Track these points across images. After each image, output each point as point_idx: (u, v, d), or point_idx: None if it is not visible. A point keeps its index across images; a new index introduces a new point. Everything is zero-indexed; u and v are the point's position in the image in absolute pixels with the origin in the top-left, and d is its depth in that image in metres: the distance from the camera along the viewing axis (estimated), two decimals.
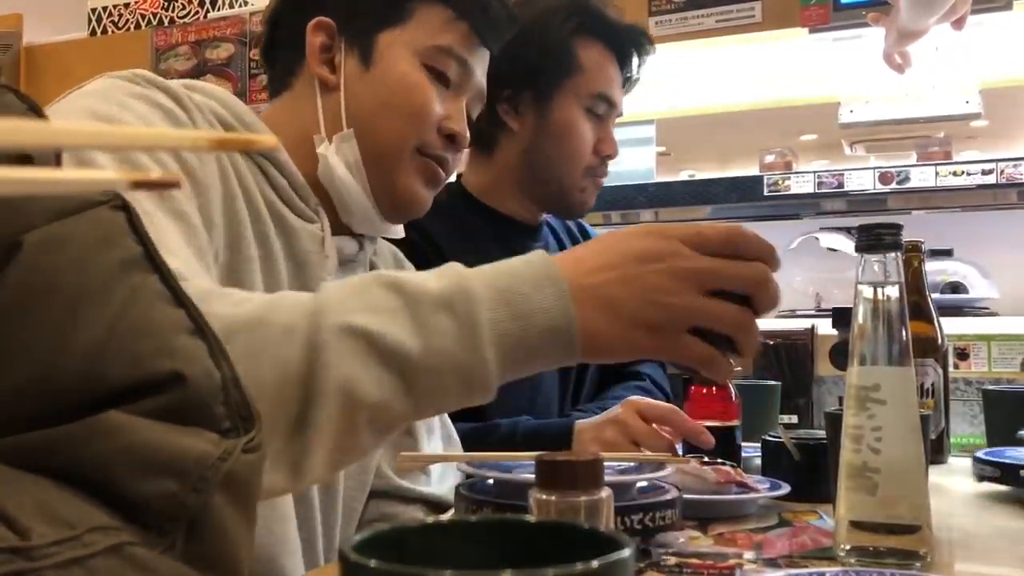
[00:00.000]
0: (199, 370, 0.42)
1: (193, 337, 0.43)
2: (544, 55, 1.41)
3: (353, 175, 0.99)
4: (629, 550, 0.34)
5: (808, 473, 1.09)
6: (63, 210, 0.42)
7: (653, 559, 0.82)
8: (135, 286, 0.43)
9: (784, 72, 2.70)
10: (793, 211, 2.54)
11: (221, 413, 0.42)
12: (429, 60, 1.00)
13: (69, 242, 0.42)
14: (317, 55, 1.01)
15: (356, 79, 1.00)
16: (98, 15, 3.19)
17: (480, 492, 0.90)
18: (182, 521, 0.39)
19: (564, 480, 0.58)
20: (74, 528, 0.36)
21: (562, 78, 1.42)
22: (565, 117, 1.43)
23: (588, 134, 1.44)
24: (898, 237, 0.82)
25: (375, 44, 1.00)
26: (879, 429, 0.78)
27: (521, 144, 1.45)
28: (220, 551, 0.41)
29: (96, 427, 0.39)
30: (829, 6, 2.25)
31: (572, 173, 1.44)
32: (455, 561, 0.38)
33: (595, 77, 1.43)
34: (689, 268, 0.70)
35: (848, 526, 0.80)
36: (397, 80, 0.99)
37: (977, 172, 2.27)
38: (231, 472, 0.41)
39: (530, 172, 1.46)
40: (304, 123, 1.01)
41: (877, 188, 2.34)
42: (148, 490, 0.39)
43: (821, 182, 2.41)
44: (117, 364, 0.40)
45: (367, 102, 0.99)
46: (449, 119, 1.01)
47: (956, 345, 1.93)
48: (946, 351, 1.23)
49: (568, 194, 1.46)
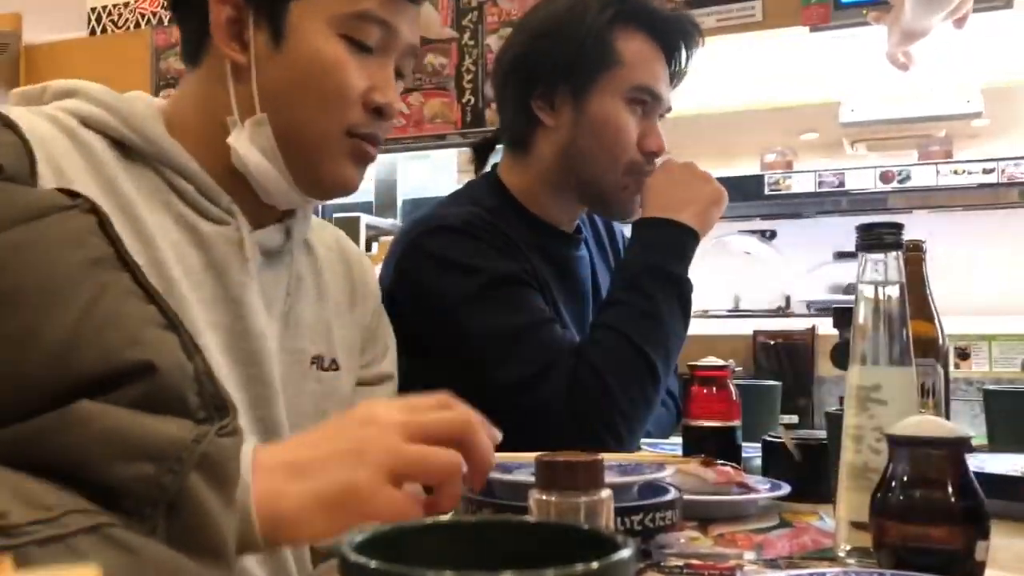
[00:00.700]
0: (170, 361, 0.42)
1: (164, 331, 0.43)
2: (579, 48, 1.32)
3: (270, 161, 0.90)
4: (629, 551, 0.34)
5: (809, 473, 1.09)
6: (31, 214, 0.43)
7: (653, 560, 0.82)
8: (104, 283, 0.43)
9: (785, 71, 2.70)
10: (794, 210, 2.54)
11: (195, 403, 0.43)
12: (346, 30, 0.90)
13: (38, 243, 0.42)
14: (224, 31, 0.90)
15: (267, 59, 0.90)
16: (97, 14, 3.19)
17: (480, 493, 0.89)
18: (161, 504, 0.39)
19: (564, 480, 0.58)
20: (51, 510, 0.37)
21: (600, 72, 1.32)
22: (604, 111, 1.33)
23: (630, 128, 1.34)
24: (899, 237, 0.82)
25: (285, 17, 0.89)
26: (880, 429, 0.78)
27: (559, 141, 1.35)
28: (202, 531, 0.41)
29: (69, 417, 0.39)
30: (830, 5, 2.24)
31: (614, 170, 1.34)
32: (455, 561, 0.38)
33: (637, 70, 1.34)
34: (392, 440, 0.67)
35: (849, 527, 0.80)
36: (311, 58, 0.89)
37: (978, 171, 2.27)
38: (206, 454, 0.41)
39: (569, 171, 1.36)
40: (216, 107, 0.91)
41: (878, 187, 2.34)
42: (125, 474, 0.39)
43: (822, 181, 2.41)
44: (87, 356, 0.40)
45: (281, 85, 0.90)
46: (374, 90, 0.91)
47: (957, 345, 1.93)
48: (947, 351, 1.23)
49: (610, 194, 1.36)
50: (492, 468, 0.70)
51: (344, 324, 1.04)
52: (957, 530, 0.69)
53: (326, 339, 1.00)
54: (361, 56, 0.91)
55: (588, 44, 1.31)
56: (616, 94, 1.33)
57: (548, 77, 1.33)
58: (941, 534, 0.69)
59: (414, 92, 2.59)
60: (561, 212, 1.40)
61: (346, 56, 0.90)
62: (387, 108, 0.92)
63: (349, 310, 1.06)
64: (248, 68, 0.90)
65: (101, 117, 0.86)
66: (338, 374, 1.01)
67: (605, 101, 1.33)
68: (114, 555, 0.37)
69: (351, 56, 0.90)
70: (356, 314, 1.07)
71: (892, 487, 0.70)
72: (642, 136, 1.35)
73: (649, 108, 1.36)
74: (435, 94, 2.61)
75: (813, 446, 1.10)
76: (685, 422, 1.21)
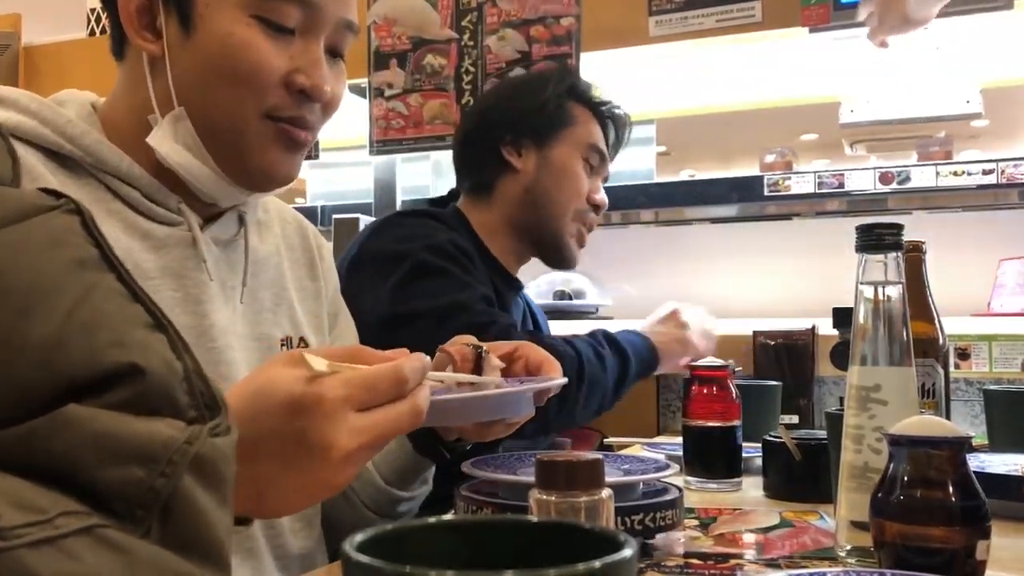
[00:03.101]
0: (158, 361, 0.42)
1: (151, 331, 0.43)
2: (543, 106, 1.57)
3: (196, 157, 0.87)
4: (631, 550, 0.34)
5: (809, 473, 1.09)
6: (13, 216, 0.42)
7: (654, 559, 0.82)
8: (89, 283, 0.43)
9: (784, 72, 2.70)
10: (793, 211, 2.54)
11: (185, 402, 0.42)
12: (259, 11, 0.85)
13: (20, 245, 0.42)
14: (134, 21, 0.86)
15: (179, 47, 0.86)
16: (97, 15, 3.19)
17: (481, 492, 0.90)
18: (154, 507, 0.39)
19: (564, 480, 0.58)
20: (45, 512, 0.36)
21: (561, 128, 1.57)
22: (564, 159, 1.57)
23: (584, 178, 1.57)
24: (899, 237, 0.82)
25: (194, 1, 0.85)
26: (880, 429, 0.78)
27: (523, 181, 1.57)
28: (197, 533, 0.41)
29: (58, 420, 0.39)
30: (829, 6, 2.24)
31: (565, 213, 1.56)
32: (456, 561, 0.38)
33: (589, 130, 1.59)
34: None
35: (849, 526, 0.80)
36: (220, 43, 0.85)
37: (978, 172, 2.26)
38: (200, 455, 0.41)
39: (530, 209, 1.56)
40: (141, 103, 0.88)
41: (877, 188, 2.34)
42: (116, 477, 0.39)
43: (821, 182, 2.40)
44: (73, 359, 0.40)
45: (194, 73, 0.86)
46: (297, 72, 0.87)
47: (957, 345, 1.93)
48: (947, 351, 1.23)
49: (561, 237, 1.57)
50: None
51: (307, 297, 1.04)
52: (957, 530, 0.69)
53: (291, 319, 1.00)
54: (280, 37, 0.86)
55: (550, 105, 1.57)
56: (575, 148, 1.58)
57: (515, 127, 1.58)
58: (941, 534, 0.69)
59: (413, 93, 2.59)
60: (511, 253, 1.59)
61: (259, 38, 0.85)
62: (312, 90, 0.87)
63: (312, 282, 1.05)
64: (162, 59, 0.86)
65: (33, 129, 0.84)
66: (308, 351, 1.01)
67: (565, 151, 1.57)
68: (108, 557, 0.37)
69: (266, 38, 0.86)
70: (319, 286, 1.06)
71: (892, 487, 0.71)
72: (591, 191, 1.59)
73: (597, 168, 1.61)
74: (434, 95, 2.61)
75: (813, 446, 1.10)
76: (685, 422, 1.22)
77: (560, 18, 2.45)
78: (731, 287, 2.48)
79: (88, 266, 0.43)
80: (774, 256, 2.48)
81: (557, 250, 1.59)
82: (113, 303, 0.43)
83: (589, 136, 1.59)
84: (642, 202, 2.54)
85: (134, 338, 0.42)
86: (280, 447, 0.64)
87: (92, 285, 0.43)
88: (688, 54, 2.52)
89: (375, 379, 0.65)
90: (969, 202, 2.34)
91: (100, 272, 0.44)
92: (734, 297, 2.45)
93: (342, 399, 0.64)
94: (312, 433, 0.63)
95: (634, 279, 2.57)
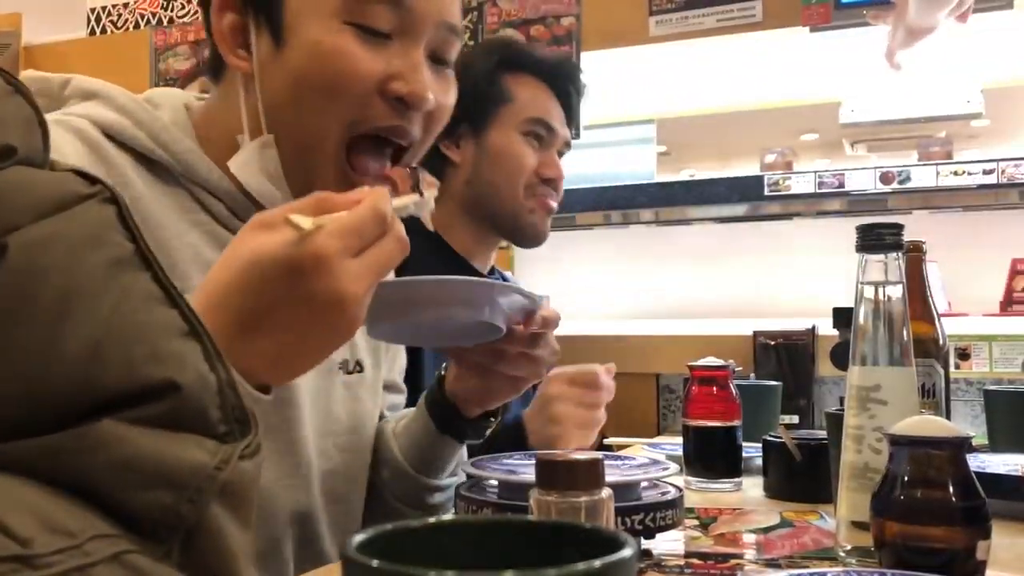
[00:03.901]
0: (193, 376, 0.41)
1: (186, 339, 0.42)
2: (473, 89, 1.45)
3: (276, 187, 0.85)
4: (631, 550, 0.34)
5: (809, 473, 1.09)
6: (49, 207, 0.41)
7: (654, 559, 0.82)
8: (125, 286, 0.42)
9: (785, 71, 2.70)
10: (793, 211, 2.54)
11: (217, 417, 0.42)
12: (350, 16, 0.81)
13: (56, 242, 0.40)
14: (227, 40, 0.85)
15: (270, 62, 0.83)
16: (97, 15, 3.19)
17: (480, 492, 0.89)
18: (178, 531, 0.39)
19: (564, 480, 0.58)
20: (75, 537, 0.36)
21: (494, 109, 1.51)
22: (501, 142, 1.51)
23: (527, 156, 1.51)
24: (899, 237, 0.82)
25: (283, 13, 0.82)
26: (880, 429, 0.78)
27: (464, 174, 1.52)
28: (218, 560, 0.40)
29: (89, 437, 0.38)
30: (830, 5, 2.24)
31: (514, 195, 1.50)
32: (456, 561, 0.38)
33: (528, 105, 1.51)
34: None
35: (849, 526, 0.80)
36: (310, 52, 0.81)
37: (978, 172, 2.26)
38: (228, 482, 0.40)
39: (477, 200, 1.52)
40: (232, 122, 0.86)
41: (878, 188, 2.34)
42: (143, 501, 0.38)
43: (822, 182, 2.40)
44: (110, 370, 0.39)
45: (284, 89, 0.83)
46: (394, 78, 0.82)
47: (957, 345, 1.93)
48: (947, 351, 1.23)
49: (517, 217, 1.51)
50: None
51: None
52: (958, 530, 0.69)
53: (348, 343, 1.00)
54: (375, 43, 0.82)
55: (480, 86, 1.48)
56: (511, 127, 1.50)
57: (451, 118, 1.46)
58: (942, 534, 0.69)
59: None
60: (476, 243, 1.55)
61: (352, 44, 0.81)
62: (410, 97, 0.83)
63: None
64: (253, 77, 0.84)
65: (127, 130, 0.84)
66: (362, 376, 1.01)
67: (501, 134, 1.50)
68: None
69: (359, 44, 0.82)
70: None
71: (892, 487, 0.70)
72: (540, 165, 1.51)
73: (546, 141, 1.53)
74: None
75: (813, 446, 1.10)
76: (685, 422, 1.22)
77: (560, 18, 2.45)
78: (731, 287, 2.47)
79: (124, 266, 0.42)
80: (774, 256, 2.48)
81: (519, 230, 1.54)
82: (150, 309, 0.42)
83: (530, 109, 1.51)
84: (642, 202, 2.53)
85: (170, 350, 0.41)
86: (293, 316, 0.64)
87: (128, 289, 0.41)
88: (688, 54, 2.52)
89: (361, 223, 0.65)
90: (970, 202, 2.34)
91: (136, 272, 0.42)
92: (734, 297, 2.45)
93: (339, 252, 0.63)
94: (322, 294, 0.63)
95: (634, 279, 2.57)
